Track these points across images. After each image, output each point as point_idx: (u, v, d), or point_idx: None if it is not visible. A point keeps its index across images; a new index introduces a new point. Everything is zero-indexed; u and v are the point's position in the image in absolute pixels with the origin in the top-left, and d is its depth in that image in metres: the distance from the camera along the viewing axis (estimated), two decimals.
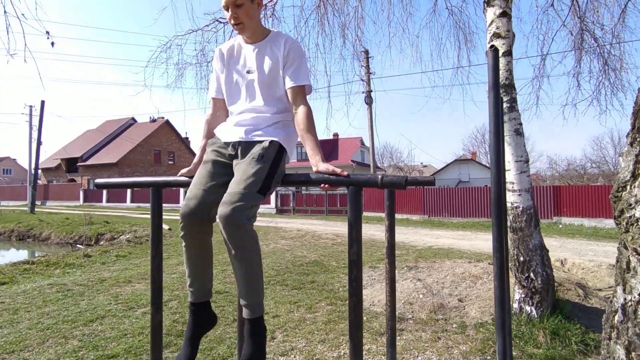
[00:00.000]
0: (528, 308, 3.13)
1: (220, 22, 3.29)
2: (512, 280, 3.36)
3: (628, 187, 0.94)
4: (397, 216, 16.88)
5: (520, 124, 3.15)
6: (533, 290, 3.10)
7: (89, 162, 33.51)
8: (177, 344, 3.13)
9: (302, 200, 20.15)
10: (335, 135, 33.66)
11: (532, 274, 3.08)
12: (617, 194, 0.99)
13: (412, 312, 3.87)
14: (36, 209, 21.32)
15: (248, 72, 1.58)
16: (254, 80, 1.56)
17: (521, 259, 3.12)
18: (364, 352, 3.03)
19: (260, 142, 1.48)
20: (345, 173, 1.34)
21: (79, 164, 33.88)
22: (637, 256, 0.73)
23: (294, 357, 2.96)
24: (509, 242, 3.18)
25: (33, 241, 13.35)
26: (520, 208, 3.12)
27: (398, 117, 77.53)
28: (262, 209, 20.48)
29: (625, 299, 0.84)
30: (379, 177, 1.29)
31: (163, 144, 35.77)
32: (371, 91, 17.30)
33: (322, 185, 1.38)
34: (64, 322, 3.63)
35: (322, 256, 7.31)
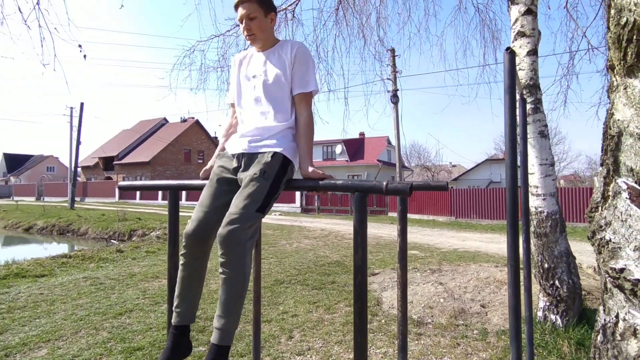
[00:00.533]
0: (553, 317, 3.02)
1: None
2: (536, 287, 3.25)
3: (599, 208, 0.90)
4: (423, 217, 16.59)
5: (546, 125, 3.03)
6: (558, 298, 2.98)
7: (124, 161, 35.04)
8: (198, 339, 3.25)
9: (327, 199, 20.20)
10: (362, 134, 33.45)
11: (557, 282, 2.97)
12: (590, 214, 0.94)
13: (432, 316, 3.82)
14: (75, 205, 22.54)
15: (254, 76, 1.62)
16: (260, 84, 1.60)
17: (545, 265, 3.01)
18: (380, 356, 3.03)
19: (264, 153, 1.50)
20: (329, 175, 1.46)
21: (115, 162, 35.49)
22: (609, 278, 0.70)
23: (310, 357, 2.99)
24: (533, 248, 3.07)
25: (72, 235, 14.13)
26: (545, 213, 3.00)
27: (426, 116, 76.13)
28: (287, 208, 20.69)
29: (605, 319, 0.80)
30: (384, 183, 1.30)
31: (193, 143, 36.84)
32: (397, 90, 17.07)
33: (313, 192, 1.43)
34: (96, 314, 3.84)
35: (345, 256, 7.32)
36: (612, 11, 0.54)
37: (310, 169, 1.49)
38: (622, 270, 0.69)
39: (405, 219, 1.94)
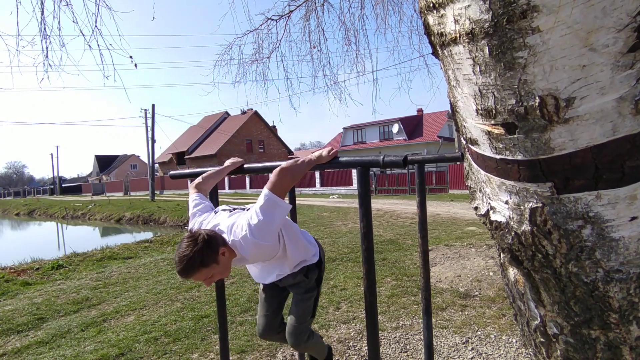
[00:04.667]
0: None
1: (273, 20, 3.55)
2: None
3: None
4: None
5: None
6: None
7: (193, 155, 37.82)
8: (255, 309, 3.62)
9: (384, 180, 20.05)
10: (420, 110, 32.15)
11: None
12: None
13: (480, 289, 3.81)
14: (155, 197, 25.01)
15: None
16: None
17: None
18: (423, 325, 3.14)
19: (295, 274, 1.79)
20: (335, 152, 1.54)
21: (186, 157, 38.47)
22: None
23: (355, 325, 3.21)
24: None
25: (154, 224, 15.84)
26: None
27: None
28: (344, 190, 20.95)
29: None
30: (382, 157, 1.42)
31: (253, 133, 38.47)
32: None
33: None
34: (171, 289, 4.43)
35: (398, 235, 7.37)
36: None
37: (318, 154, 1.53)
38: (476, 208, 0.77)
39: (424, 191, 2.04)
